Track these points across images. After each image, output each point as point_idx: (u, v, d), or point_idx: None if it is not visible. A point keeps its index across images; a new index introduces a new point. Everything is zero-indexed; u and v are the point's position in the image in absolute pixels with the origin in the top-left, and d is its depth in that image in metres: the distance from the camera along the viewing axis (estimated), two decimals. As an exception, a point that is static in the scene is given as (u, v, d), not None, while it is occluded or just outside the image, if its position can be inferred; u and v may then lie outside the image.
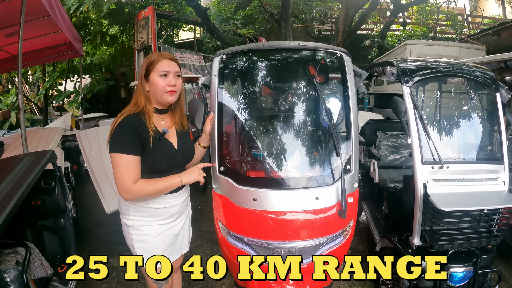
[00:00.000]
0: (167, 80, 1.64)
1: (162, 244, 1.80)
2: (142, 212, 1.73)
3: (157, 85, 1.64)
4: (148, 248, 1.77)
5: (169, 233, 1.82)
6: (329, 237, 1.72)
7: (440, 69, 2.46)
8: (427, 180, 2.21)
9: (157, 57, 1.66)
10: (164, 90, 1.64)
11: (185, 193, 1.86)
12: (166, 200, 1.75)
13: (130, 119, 1.60)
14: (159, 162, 1.64)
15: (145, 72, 1.66)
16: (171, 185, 1.65)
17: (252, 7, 11.70)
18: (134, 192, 1.57)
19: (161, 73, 1.63)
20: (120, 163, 1.54)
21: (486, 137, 2.52)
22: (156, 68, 1.63)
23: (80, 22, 9.65)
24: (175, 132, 1.78)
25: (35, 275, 2.24)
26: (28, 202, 2.64)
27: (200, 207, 4.65)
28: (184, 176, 1.67)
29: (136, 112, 1.64)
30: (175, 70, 1.67)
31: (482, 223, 2.11)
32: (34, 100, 11.89)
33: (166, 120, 1.77)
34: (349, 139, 1.78)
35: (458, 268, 2.20)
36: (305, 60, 1.97)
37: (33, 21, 4.26)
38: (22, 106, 3.51)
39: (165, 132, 1.67)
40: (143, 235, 1.75)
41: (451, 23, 13.35)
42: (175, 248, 1.90)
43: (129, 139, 1.55)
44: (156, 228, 1.76)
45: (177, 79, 1.69)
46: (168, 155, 1.68)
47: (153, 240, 1.76)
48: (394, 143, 3.63)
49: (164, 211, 1.76)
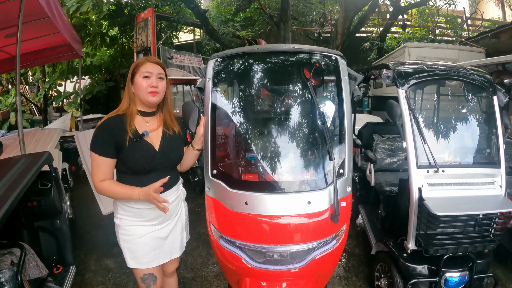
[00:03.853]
0: (149, 81, 1.69)
1: (146, 246, 1.81)
2: (128, 212, 1.79)
3: (139, 86, 1.69)
4: (133, 248, 1.80)
5: (155, 235, 1.83)
6: (321, 241, 1.71)
7: (437, 72, 2.45)
8: (422, 184, 2.21)
9: (142, 60, 1.75)
10: (146, 90, 1.69)
11: (170, 197, 1.84)
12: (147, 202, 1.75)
13: (110, 121, 1.70)
14: (134, 163, 1.69)
15: (131, 74, 1.73)
16: (129, 196, 1.67)
17: (252, 9, 11.71)
18: (100, 189, 1.69)
19: (144, 74, 1.69)
20: (94, 161, 1.68)
21: (483, 141, 2.51)
22: (140, 70, 1.70)
23: (80, 23, 9.66)
24: (161, 134, 1.80)
25: (30, 275, 2.24)
26: (24, 203, 2.64)
27: (197, 209, 4.65)
28: (142, 193, 1.65)
29: (119, 114, 1.73)
30: (158, 72, 1.72)
31: (478, 227, 2.10)
32: (34, 101, 11.90)
33: (151, 122, 1.80)
34: (343, 142, 1.77)
35: (453, 273, 2.20)
36: (300, 63, 1.97)
37: (32, 22, 4.28)
38: (19, 107, 3.52)
39: (144, 134, 1.71)
40: (128, 235, 1.80)
41: (451, 26, 13.37)
42: (162, 252, 1.89)
43: (104, 142, 1.65)
44: (141, 229, 1.80)
45: (160, 81, 1.73)
46: (145, 156, 1.70)
47: (137, 241, 1.79)
48: (391, 146, 3.62)
49: (147, 213, 1.78)
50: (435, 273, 2.23)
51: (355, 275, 3.08)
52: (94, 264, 3.34)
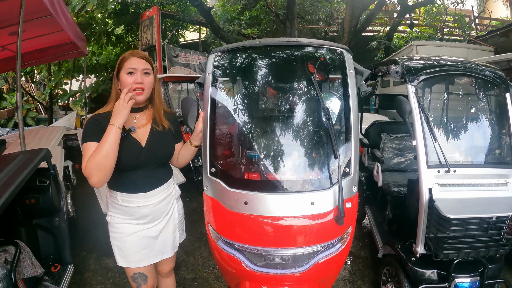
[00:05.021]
0: (133, 78, 1.63)
1: (135, 245, 1.78)
2: (117, 209, 1.76)
3: (124, 83, 1.64)
4: (121, 246, 1.78)
5: (143, 234, 1.79)
6: (325, 244, 1.62)
7: (447, 67, 2.36)
8: (433, 185, 2.11)
9: (127, 55, 1.69)
10: (131, 88, 1.61)
11: (158, 195, 1.79)
12: (134, 200, 1.73)
13: (98, 117, 1.66)
14: (120, 159, 1.59)
15: (117, 70, 1.68)
16: (109, 135, 1.51)
17: (258, 8, 11.67)
18: (85, 166, 1.51)
19: (128, 71, 1.63)
20: (86, 151, 1.56)
21: (495, 140, 2.41)
22: (124, 66, 1.64)
23: (86, 21, 9.65)
24: (149, 130, 1.75)
25: (25, 274, 2.20)
26: (22, 200, 2.61)
27: (200, 209, 4.58)
28: (114, 117, 1.53)
29: (107, 111, 1.67)
30: (143, 67, 1.65)
31: (491, 231, 1.99)
32: (40, 99, 11.96)
33: (140, 118, 1.76)
34: (349, 140, 1.68)
35: (463, 278, 2.11)
36: (304, 57, 1.88)
37: (35, 20, 4.25)
38: (20, 104, 3.53)
39: (131, 130, 1.67)
40: (117, 233, 1.77)
41: (459, 25, 13.19)
42: (152, 252, 1.85)
43: (92, 130, 1.60)
44: (129, 227, 1.77)
45: (146, 77, 1.67)
46: (130, 152, 1.65)
47: (125, 239, 1.77)
48: (399, 146, 3.53)
49: (134, 211, 1.74)
50: (444, 278, 2.13)
51: (361, 279, 2.98)
52: (94, 263, 3.29)
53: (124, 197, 1.72)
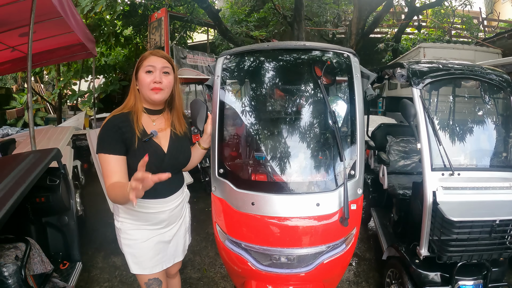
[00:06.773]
0: (152, 76, 1.57)
1: (150, 251, 1.72)
2: (131, 215, 1.68)
3: (142, 81, 1.58)
4: (136, 253, 1.70)
5: (158, 239, 1.74)
6: (329, 245, 1.65)
7: (453, 71, 2.37)
8: (437, 188, 2.12)
9: (147, 54, 1.62)
10: (149, 87, 1.57)
11: (176, 200, 1.76)
12: (152, 206, 1.67)
13: (115, 119, 1.56)
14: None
15: (136, 69, 1.62)
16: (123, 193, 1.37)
17: (266, 10, 11.69)
18: (109, 194, 1.47)
19: (146, 69, 1.57)
20: (104, 163, 1.50)
21: (501, 143, 2.41)
22: (143, 64, 1.58)
23: (95, 23, 9.77)
24: (169, 135, 1.70)
25: (35, 270, 2.24)
26: (32, 198, 2.64)
27: (207, 209, 4.62)
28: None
29: (124, 112, 1.60)
30: (162, 65, 1.59)
31: (494, 234, 1.99)
32: (49, 99, 12.10)
33: (158, 121, 1.70)
34: (354, 142, 1.71)
35: (467, 281, 2.11)
36: (311, 60, 1.91)
37: (45, 22, 4.33)
38: (31, 104, 3.58)
39: (153, 134, 1.59)
40: (131, 239, 1.69)
41: (467, 27, 13.08)
42: (166, 256, 1.81)
43: (111, 139, 1.51)
44: (145, 233, 1.70)
45: (165, 76, 1.60)
46: (154, 158, 1.58)
47: (140, 245, 1.69)
48: (405, 148, 3.54)
49: (152, 217, 1.69)
50: (448, 280, 2.14)
51: (365, 280, 3.00)
52: (102, 261, 3.35)
53: (142, 203, 1.63)
